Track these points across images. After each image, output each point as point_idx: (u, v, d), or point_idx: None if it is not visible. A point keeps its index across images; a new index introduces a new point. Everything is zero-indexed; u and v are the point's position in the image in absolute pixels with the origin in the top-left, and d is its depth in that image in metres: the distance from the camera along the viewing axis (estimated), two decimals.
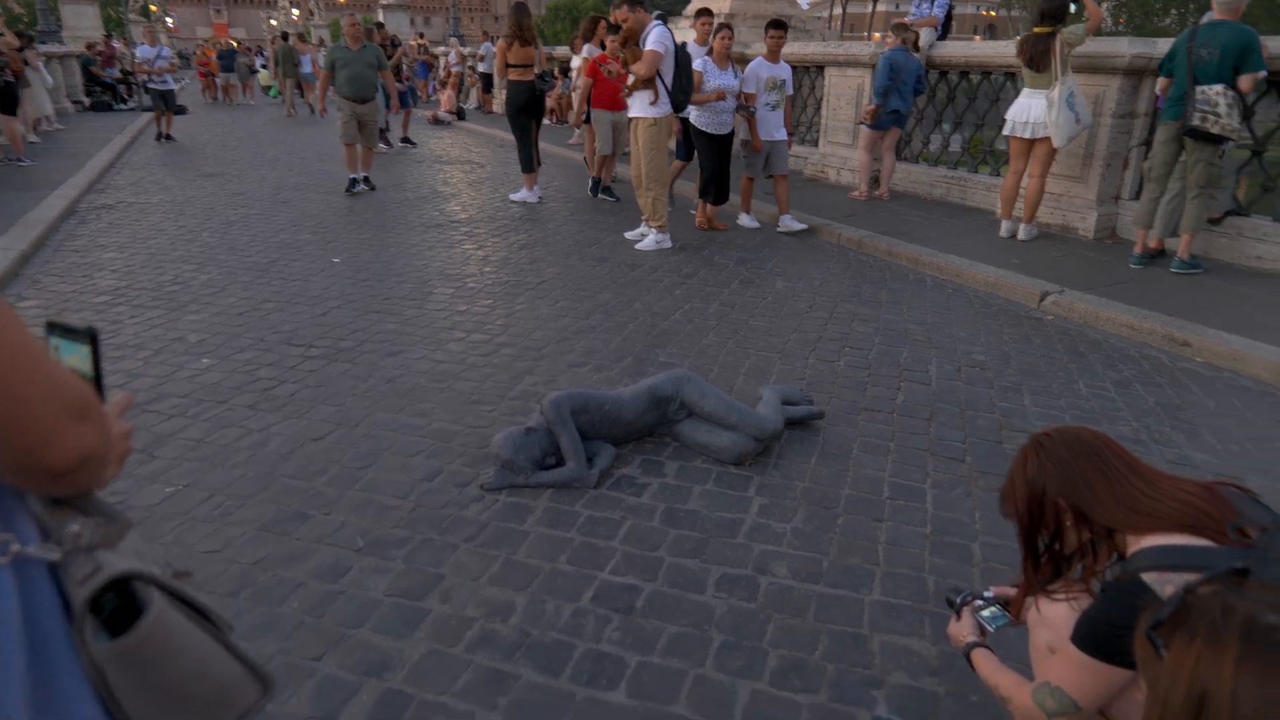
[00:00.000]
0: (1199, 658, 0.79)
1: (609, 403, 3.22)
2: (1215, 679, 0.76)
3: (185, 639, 0.79)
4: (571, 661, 2.18)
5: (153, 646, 0.75)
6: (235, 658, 0.84)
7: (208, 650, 0.81)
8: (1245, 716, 0.74)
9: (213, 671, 0.81)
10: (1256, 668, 0.75)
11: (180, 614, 0.80)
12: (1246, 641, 0.77)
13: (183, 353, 4.33)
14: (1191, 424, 3.73)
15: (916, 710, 2.04)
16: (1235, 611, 0.80)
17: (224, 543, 2.71)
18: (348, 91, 8.84)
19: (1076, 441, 1.61)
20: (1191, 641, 0.81)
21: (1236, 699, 0.74)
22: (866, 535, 2.79)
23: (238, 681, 0.83)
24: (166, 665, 0.76)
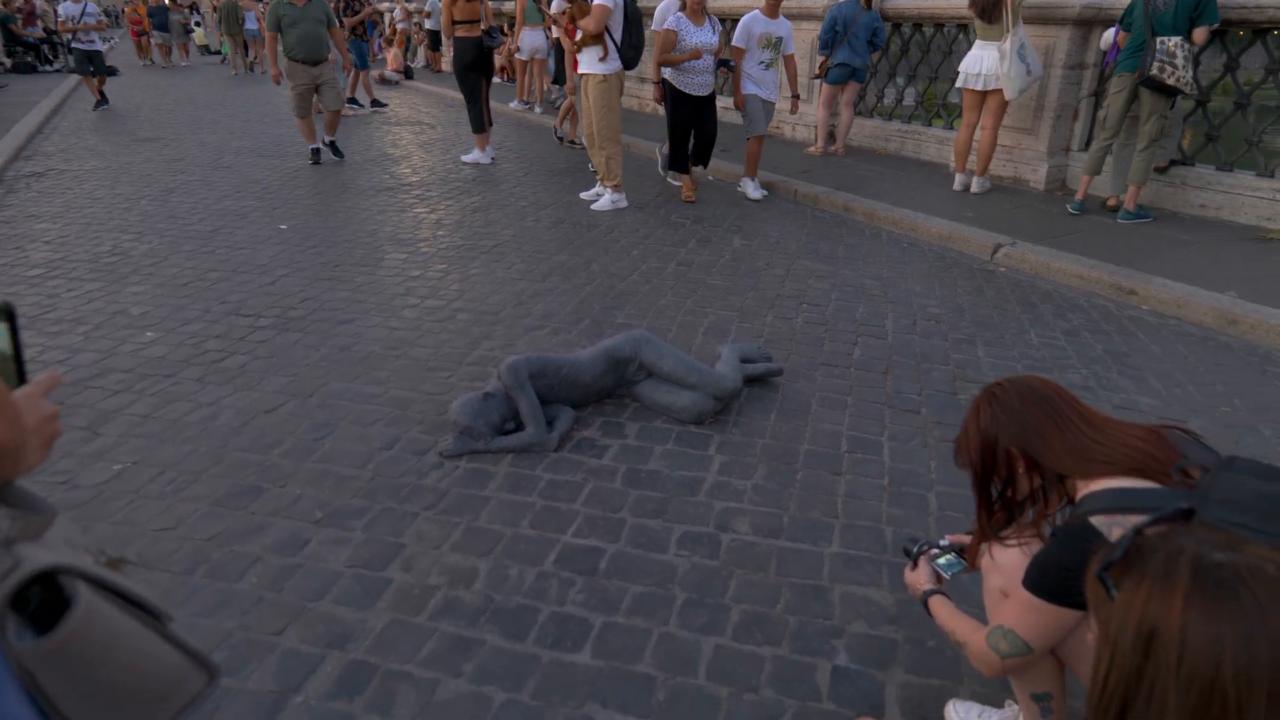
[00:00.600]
0: (1149, 597, 0.80)
1: (567, 366, 3.20)
2: (1165, 617, 0.78)
3: (118, 632, 0.75)
4: (536, 625, 2.19)
5: (82, 643, 0.71)
6: (176, 647, 0.80)
7: (144, 642, 0.77)
8: (1193, 652, 0.75)
9: (151, 664, 0.77)
10: (1203, 605, 0.77)
11: (112, 606, 0.76)
12: (1194, 580, 0.78)
13: (125, 326, 4.20)
14: (1138, 370, 3.82)
15: (876, 657, 2.09)
16: (1184, 552, 0.82)
17: (177, 520, 2.65)
18: (300, 53, 7.97)
19: (1028, 390, 1.64)
20: (1141, 582, 0.82)
21: (1185, 635, 0.76)
22: (825, 489, 2.82)
23: (180, 672, 0.80)
24: (100, 661, 0.73)
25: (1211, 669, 0.75)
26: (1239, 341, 4.17)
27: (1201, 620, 0.76)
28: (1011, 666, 1.59)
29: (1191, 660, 0.76)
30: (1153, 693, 0.78)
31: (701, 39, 6.40)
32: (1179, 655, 0.76)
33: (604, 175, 6.61)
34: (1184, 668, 0.76)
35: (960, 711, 1.89)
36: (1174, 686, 0.76)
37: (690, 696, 1.96)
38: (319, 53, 8.05)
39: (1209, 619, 0.76)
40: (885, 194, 6.75)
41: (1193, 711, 0.75)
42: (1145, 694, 0.79)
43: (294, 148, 9.31)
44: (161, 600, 2.19)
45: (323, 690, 1.98)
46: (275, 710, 1.93)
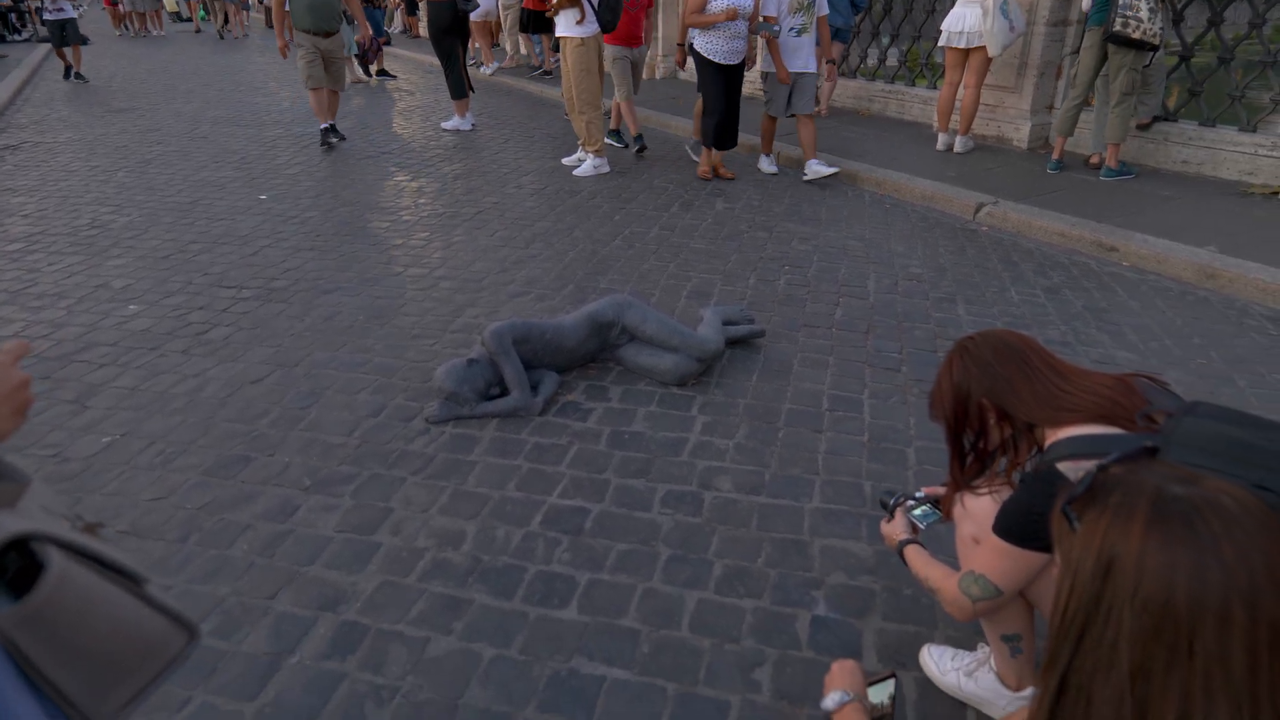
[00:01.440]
0: (1109, 527, 0.84)
1: (550, 331, 3.22)
2: (1123, 546, 0.81)
3: (94, 595, 0.77)
4: (523, 583, 2.24)
5: (57, 607, 0.73)
6: (155, 609, 0.82)
7: (122, 604, 0.79)
8: (1149, 578, 0.79)
9: (131, 625, 0.79)
10: (1161, 534, 0.80)
11: (87, 570, 0.77)
12: (1153, 511, 0.82)
13: (108, 300, 4.18)
14: (1116, 325, 3.88)
15: (854, 607, 2.15)
16: (1144, 485, 0.85)
17: (168, 490, 2.68)
18: (308, 23, 7.15)
19: (999, 344, 1.68)
20: (1102, 514, 0.86)
21: (1142, 563, 0.80)
22: (807, 446, 2.87)
23: (160, 632, 0.82)
24: (78, 624, 0.74)
25: (1165, 594, 0.78)
26: (1217, 295, 4.23)
27: (1158, 549, 0.80)
28: (983, 610, 1.65)
29: (1147, 586, 0.80)
30: (1109, 618, 0.82)
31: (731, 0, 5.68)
32: (1135, 582, 0.80)
33: (585, 140, 6.56)
34: (1140, 593, 0.80)
35: (935, 655, 1.95)
36: (1129, 611, 0.80)
37: (673, 648, 2.02)
38: (330, 23, 7.25)
39: (1165, 547, 0.80)
40: (869, 155, 6.75)
41: (1147, 635, 0.79)
42: (1103, 619, 0.83)
43: (271, 116, 9.20)
44: (155, 568, 2.25)
45: (316, 651, 2.03)
46: (270, 671, 1.97)
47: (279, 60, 14.49)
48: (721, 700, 1.88)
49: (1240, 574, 0.78)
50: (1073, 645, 0.85)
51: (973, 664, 1.89)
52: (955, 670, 1.90)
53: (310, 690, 1.92)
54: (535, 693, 1.90)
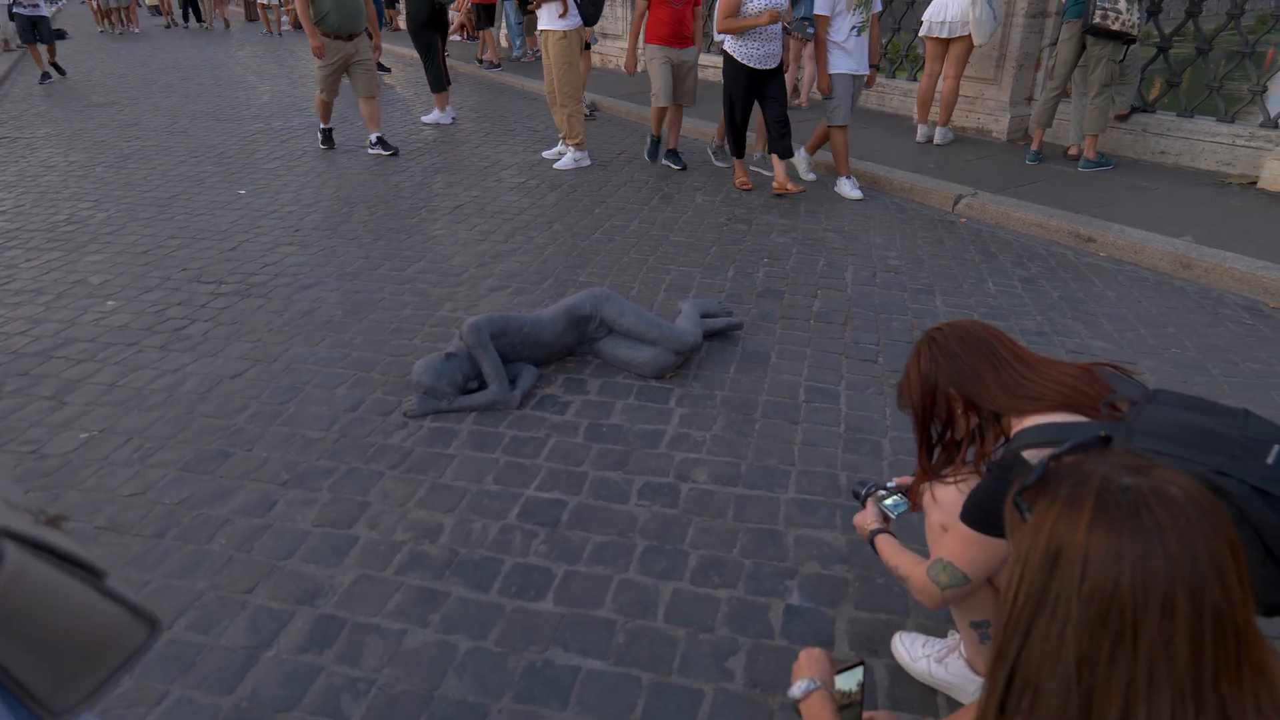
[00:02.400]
0: (1057, 518, 0.85)
1: (528, 324, 3.23)
2: (1070, 536, 0.83)
3: (52, 588, 0.77)
4: (500, 576, 2.25)
5: (14, 600, 0.74)
6: (115, 601, 0.83)
7: (81, 596, 0.80)
8: (1094, 568, 0.81)
9: (90, 618, 0.80)
10: (1106, 524, 0.81)
11: (44, 564, 0.78)
12: (1099, 501, 0.83)
13: (85, 296, 4.16)
14: (1092, 315, 3.92)
15: (827, 595, 2.18)
16: (1092, 476, 0.87)
17: (145, 485, 2.68)
18: (332, 24, 6.54)
19: (966, 334, 1.70)
20: (1052, 504, 0.87)
21: (1088, 553, 0.81)
22: (783, 437, 2.90)
23: (120, 624, 0.83)
24: (34, 616, 0.75)
25: (1111, 584, 0.80)
26: (1193, 285, 4.27)
27: (1104, 539, 0.81)
28: (951, 597, 1.67)
29: (1093, 576, 0.81)
30: (1056, 607, 0.84)
31: (768, 0, 5.23)
32: (1081, 572, 0.82)
33: (565, 133, 6.55)
34: (1086, 584, 0.81)
35: (906, 643, 1.98)
36: (1076, 601, 0.82)
37: (649, 638, 2.04)
38: (355, 24, 6.68)
39: (1111, 538, 0.81)
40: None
41: (1093, 623, 0.81)
42: (1050, 609, 0.84)
43: (250, 111, 9.13)
44: (133, 563, 2.25)
45: (293, 644, 2.04)
46: (248, 665, 1.98)
47: (259, 54, 14.40)
48: (695, 689, 1.90)
49: (1184, 563, 0.79)
50: (1021, 637, 0.86)
51: (943, 651, 1.92)
52: (926, 657, 1.93)
53: (287, 683, 1.93)
54: (511, 684, 1.92)
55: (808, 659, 1.50)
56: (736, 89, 5.62)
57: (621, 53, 11.20)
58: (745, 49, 5.43)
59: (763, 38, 5.39)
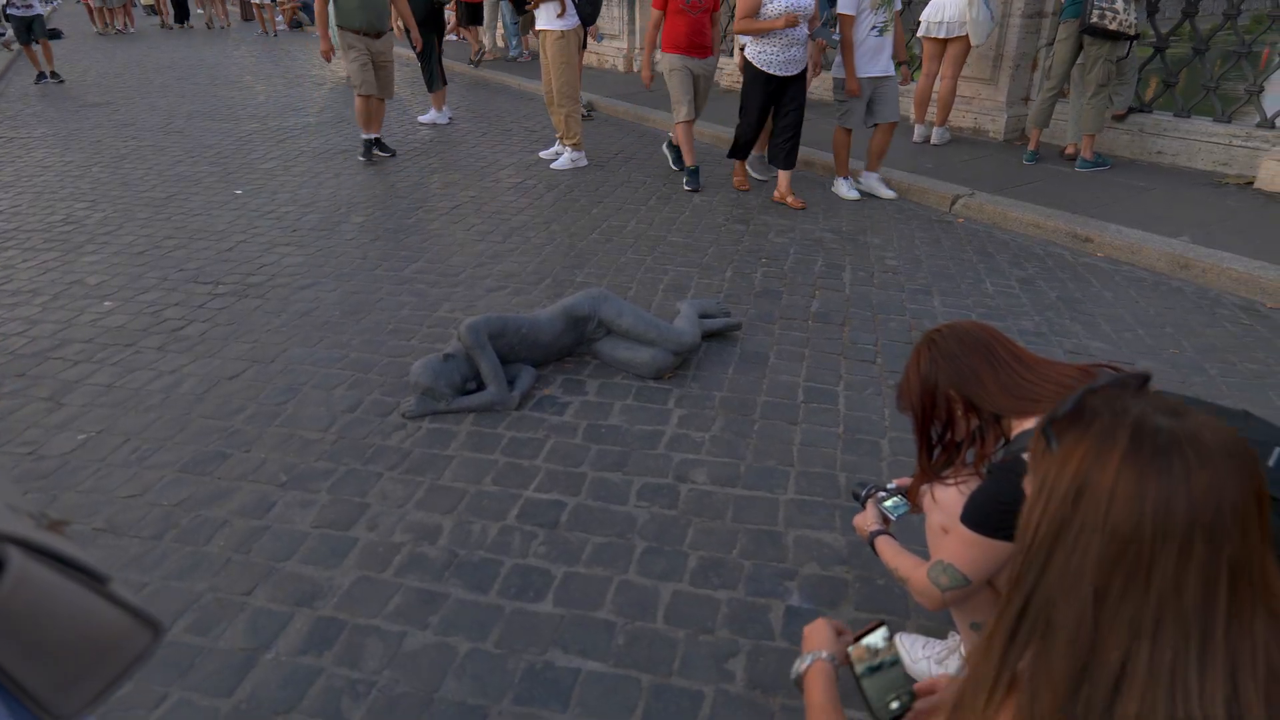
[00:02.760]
0: (1087, 452, 0.84)
1: (526, 325, 3.22)
2: (1099, 472, 0.81)
3: (58, 594, 0.77)
4: (499, 577, 2.25)
5: (18, 606, 0.74)
6: (117, 605, 0.83)
7: (84, 602, 0.80)
8: (1119, 505, 0.79)
9: (93, 622, 0.80)
10: (1136, 464, 0.80)
11: (47, 569, 0.78)
12: (1132, 441, 0.82)
13: (82, 296, 4.15)
14: (1090, 315, 3.92)
15: (827, 596, 2.18)
16: (1128, 413, 0.85)
17: (143, 487, 2.67)
18: (358, 22, 6.40)
19: (965, 335, 1.70)
20: (1083, 438, 0.85)
21: (1115, 490, 0.80)
22: (782, 438, 2.90)
23: (123, 628, 0.83)
24: (38, 621, 0.75)
25: (1133, 522, 0.79)
26: (1191, 285, 4.28)
27: (1132, 477, 0.80)
28: (952, 599, 1.67)
29: (1116, 513, 0.80)
30: (1078, 541, 0.82)
31: (789, 2, 4.98)
32: (1106, 508, 0.81)
33: (563, 134, 6.55)
34: (1109, 520, 0.80)
35: (906, 644, 1.98)
36: (1098, 535, 0.81)
37: (648, 639, 2.04)
38: (382, 22, 6.52)
39: (1139, 477, 0.80)
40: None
41: (1111, 559, 0.80)
42: (1070, 542, 0.83)
43: (246, 111, 9.10)
44: (131, 565, 2.24)
45: (293, 646, 2.03)
46: (247, 667, 1.98)
47: (255, 54, 14.36)
48: (695, 691, 1.90)
49: (1207, 509, 0.78)
50: (1039, 567, 0.85)
51: (943, 652, 1.92)
52: (926, 658, 1.93)
53: (287, 685, 1.92)
54: (511, 686, 1.91)
55: (812, 634, 1.44)
56: (752, 95, 5.43)
57: (618, 53, 11.21)
58: (765, 54, 5.23)
59: (783, 42, 5.16)
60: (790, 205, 5.55)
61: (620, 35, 11.24)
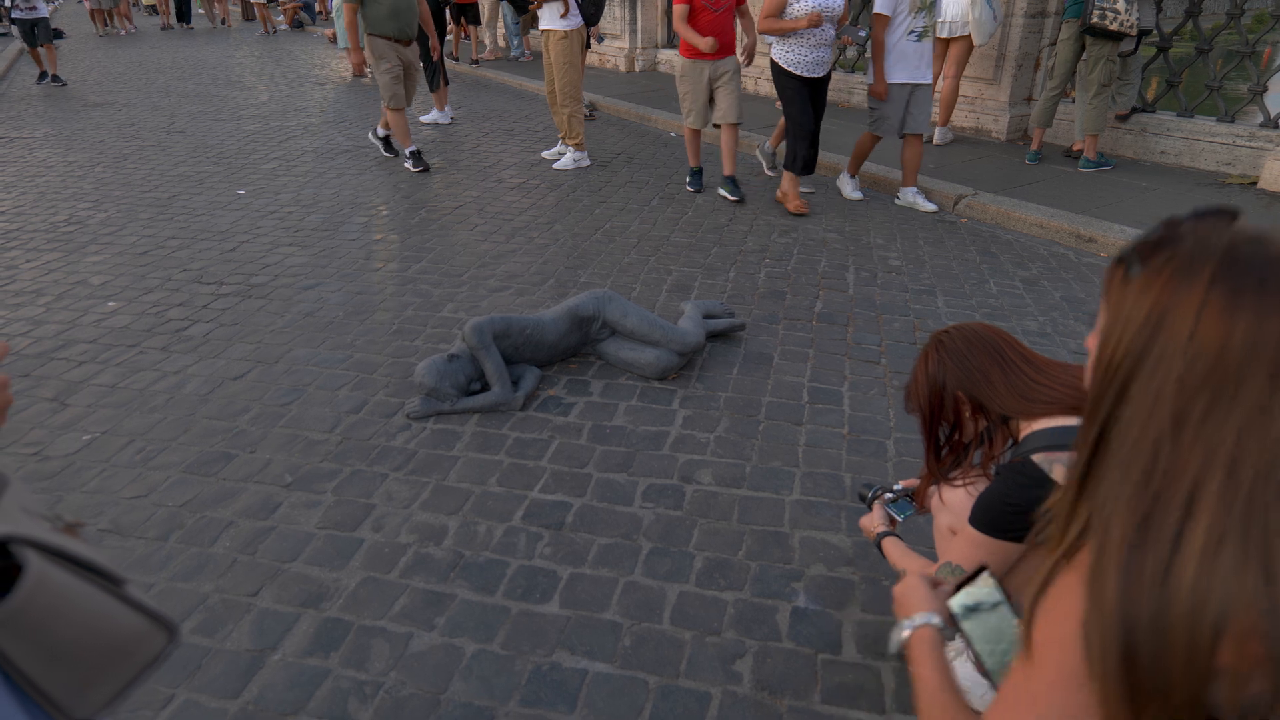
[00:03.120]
0: (1173, 275, 0.79)
1: (531, 326, 3.22)
2: (1186, 293, 0.77)
3: (72, 596, 0.78)
4: (505, 578, 2.25)
5: (36, 608, 0.74)
6: (133, 608, 0.83)
7: (100, 604, 0.80)
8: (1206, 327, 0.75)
9: (109, 624, 0.81)
10: (1225, 286, 0.76)
11: (65, 572, 0.79)
12: (1221, 262, 0.78)
13: (86, 296, 4.15)
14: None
15: (833, 598, 2.18)
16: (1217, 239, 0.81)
17: (148, 488, 2.67)
18: (391, 29, 6.09)
19: (974, 337, 1.70)
20: (1169, 261, 0.81)
21: (1202, 313, 0.76)
22: (787, 439, 2.89)
23: (139, 631, 0.83)
24: (55, 624, 0.76)
25: (1221, 340, 0.74)
26: None
27: (1221, 300, 0.76)
28: None
29: (1203, 332, 0.75)
30: (1158, 366, 0.78)
31: (816, 1, 4.82)
32: (1192, 328, 0.77)
33: (565, 133, 6.54)
34: (1195, 340, 0.76)
35: None
36: (1181, 358, 0.76)
37: (655, 641, 2.04)
38: (414, 28, 6.27)
39: (1229, 299, 0.75)
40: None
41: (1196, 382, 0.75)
42: (1150, 368, 0.79)
43: (248, 111, 9.11)
44: (136, 566, 2.24)
45: (299, 648, 2.04)
46: (254, 668, 1.98)
47: (256, 54, 14.36)
48: (702, 692, 1.90)
49: None
50: (1115, 395, 0.80)
51: (952, 653, 1.91)
52: None
53: (294, 687, 1.93)
54: (518, 687, 1.92)
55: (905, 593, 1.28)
56: (792, 100, 5.15)
57: (620, 53, 11.20)
58: (792, 54, 5.03)
59: (810, 42, 4.95)
60: (790, 209, 5.36)
61: (622, 35, 11.22)
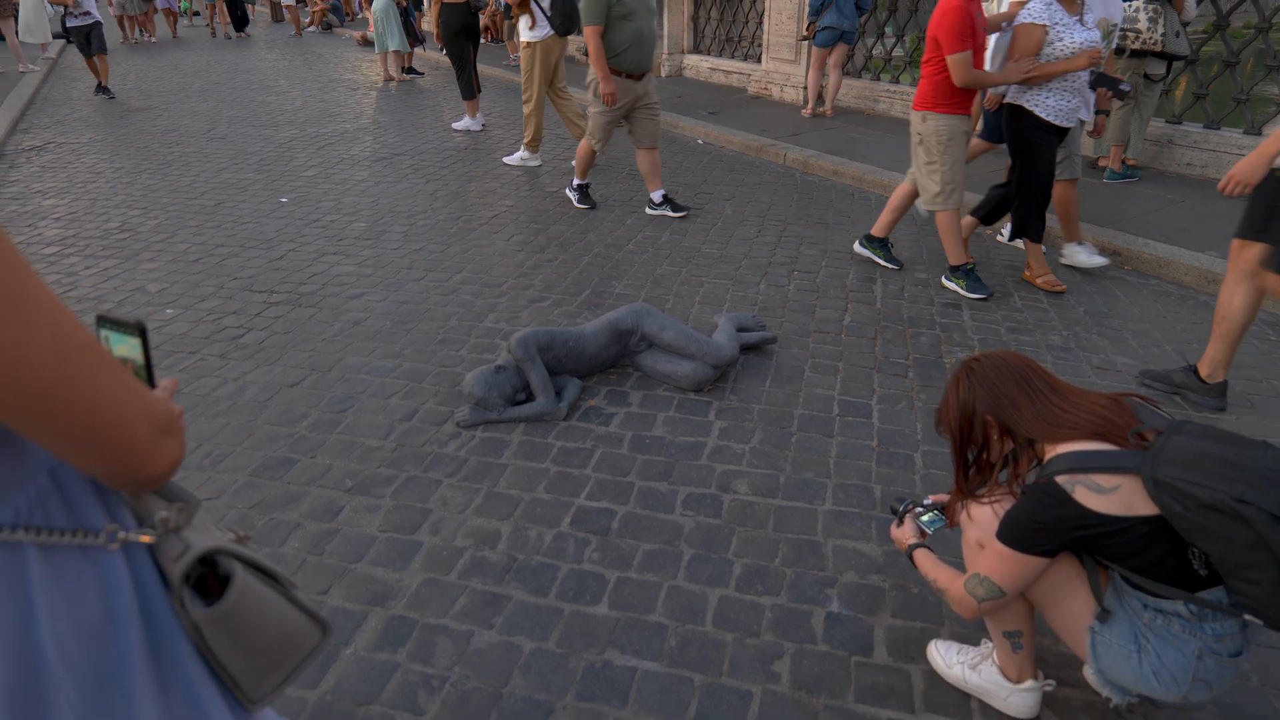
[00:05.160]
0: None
1: (573, 338, 3.38)
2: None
3: (262, 599, 0.94)
4: (557, 581, 2.40)
5: (240, 610, 0.91)
6: (299, 609, 1.00)
7: (279, 606, 0.97)
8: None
9: (285, 623, 0.97)
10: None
11: (255, 579, 0.95)
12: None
13: (145, 304, 4.35)
14: (1117, 330, 4.01)
15: (865, 604, 2.31)
16: None
17: (219, 490, 2.85)
18: (629, 61, 5.22)
19: (1003, 364, 1.85)
20: None
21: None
22: (818, 450, 3.03)
23: (305, 628, 1.00)
24: (251, 623, 0.92)
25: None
26: None
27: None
28: (987, 609, 1.81)
29: None
30: None
31: (1084, 37, 4.05)
32: None
33: (531, 137, 7.02)
34: None
35: (941, 650, 2.11)
36: None
37: (698, 642, 2.18)
38: (651, 60, 5.45)
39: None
40: (874, 157, 6.87)
41: None
42: None
43: (285, 116, 9.33)
44: None
45: (370, 643, 2.20)
46: (329, 662, 2.14)
47: (287, 57, 14.61)
48: (744, 691, 2.04)
49: None
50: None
51: (977, 658, 2.05)
52: (960, 664, 2.06)
53: (367, 679, 2.09)
54: (573, 683, 2.07)
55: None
56: (1042, 156, 4.29)
57: None
58: (1055, 101, 4.17)
59: (1074, 86, 4.19)
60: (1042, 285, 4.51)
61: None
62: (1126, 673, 1.70)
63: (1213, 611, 1.61)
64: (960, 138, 4.33)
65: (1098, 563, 1.72)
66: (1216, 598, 1.60)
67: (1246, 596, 1.52)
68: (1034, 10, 4.07)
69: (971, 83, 4.17)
